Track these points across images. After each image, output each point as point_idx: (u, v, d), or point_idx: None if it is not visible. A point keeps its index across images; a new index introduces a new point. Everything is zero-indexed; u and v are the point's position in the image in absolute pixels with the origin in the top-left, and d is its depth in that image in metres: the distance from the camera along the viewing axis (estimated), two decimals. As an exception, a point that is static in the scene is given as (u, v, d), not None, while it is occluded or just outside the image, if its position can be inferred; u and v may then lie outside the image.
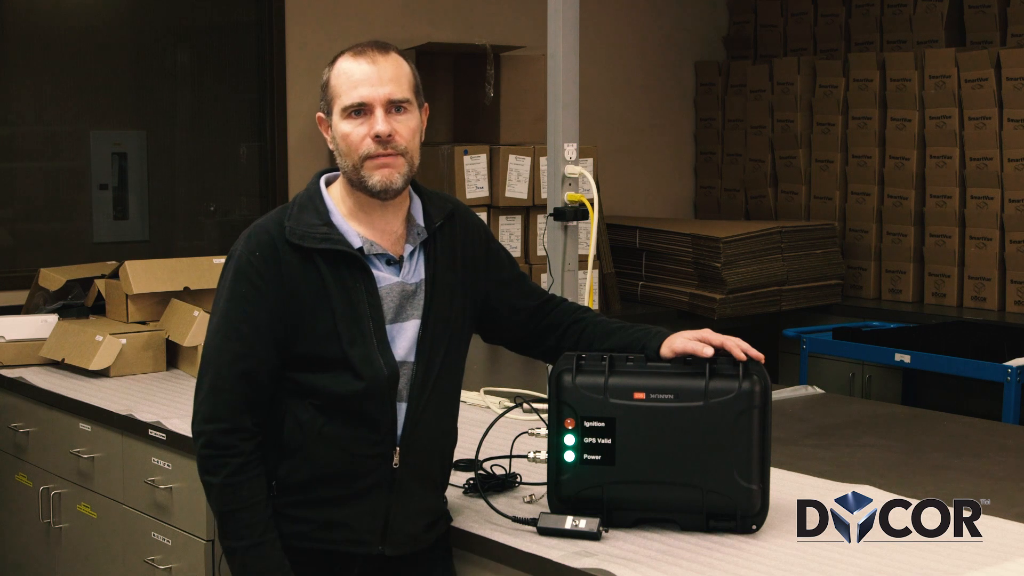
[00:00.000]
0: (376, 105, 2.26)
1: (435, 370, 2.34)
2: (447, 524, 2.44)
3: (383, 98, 2.26)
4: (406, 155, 2.29)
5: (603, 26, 6.35)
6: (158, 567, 3.31)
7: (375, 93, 2.26)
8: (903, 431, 3.35)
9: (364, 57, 2.29)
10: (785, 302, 5.86)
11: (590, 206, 3.25)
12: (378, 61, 2.28)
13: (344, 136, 2.28)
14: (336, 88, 2.29)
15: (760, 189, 6.62)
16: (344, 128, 2.28)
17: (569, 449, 2.34)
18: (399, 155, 2.28)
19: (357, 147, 2.27)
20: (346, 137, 2.28)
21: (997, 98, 5.63)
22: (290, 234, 2.28)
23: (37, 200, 5.20)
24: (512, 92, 5.32)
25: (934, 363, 4.91)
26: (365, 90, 2.26)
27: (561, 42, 3.30)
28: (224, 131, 5.56)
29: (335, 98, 2.29)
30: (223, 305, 2.28)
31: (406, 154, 2.29)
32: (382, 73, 2.27)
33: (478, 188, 5.09)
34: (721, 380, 2.30)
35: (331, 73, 2.32)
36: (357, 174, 2.28)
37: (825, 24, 6.53)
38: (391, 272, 2.33)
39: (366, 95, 2.26)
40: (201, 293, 4.06)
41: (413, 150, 2.31)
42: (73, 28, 5.18)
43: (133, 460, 3.42)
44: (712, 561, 2.20)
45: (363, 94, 2.26)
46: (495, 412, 3.19)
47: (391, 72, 2.28)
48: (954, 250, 5.81)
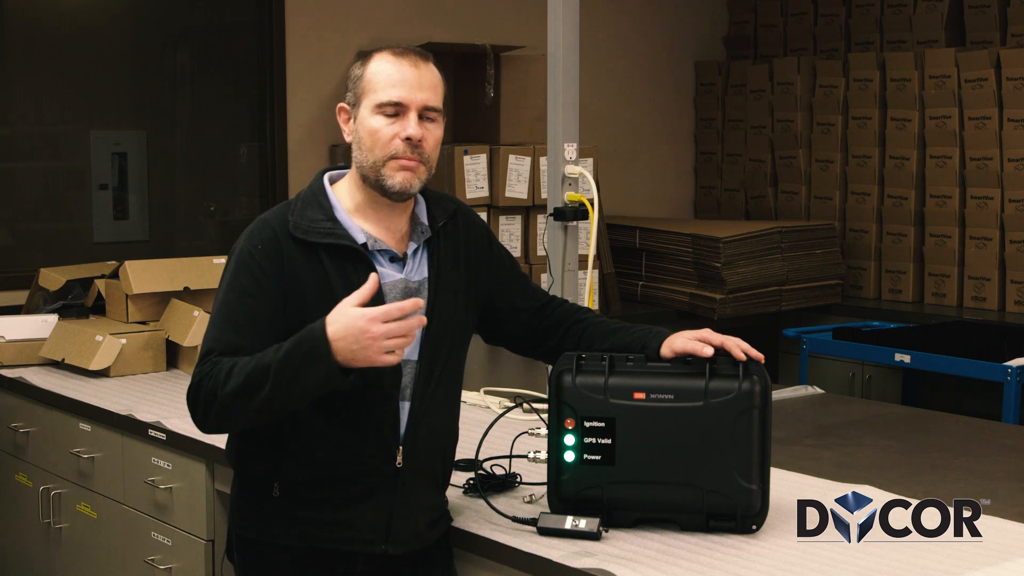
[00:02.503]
0: (412, 108, 2.27)
1: (438, 369, 2.34)
2: (448, 523, 2.44)
3: (420, 103, 2.27)
4: (427, 164, 2.31)
5: (603, 26, 6.34)
6: (158, 567, 3.31)
7: (414, 96, 2.27)
8: (903, 431, 3.35)
9: (406, 59, 2.29)
10: (785, 302, 5.86)
11: (590, 206, 3.26)
12: (420, 66, 2.29)
13: (373, 131, 2.28)
14: (372, 83, 2.29)
15: (760, 189, 6.62)
16: (374, 123, 2.28)
17: (569, 449, 2.34)
18: (422, 163, 2.29)
19: (385, 144, 2.27)
20: (375, 132, 2.28)
21: (997, 98, 5.63)
22: (294, 228, 2.28)
23: (37, 200, 5.19)
24: (512, 92, 5.32)
25: (934, 363, 4.91)
26: (404, 91, 2.27)
27: (561, 42, 3.31)
28: (224, 131, 5.56)
29: (369, 92, 2.29)
30: (223, 296, 2.28)
31: (427, 163, 2.31)
32: (423, 79, 2.28)
33: (478, 188, 5.09)
34: (721, 380, 2.30)
35: (367, 67, 2.31)
36: (376, 171, 2.28)
37: (825, 24, 6.53)
38: (394, 269, 2.33)
39: (405, 96, 2.27)
40: (201, 293, 4.06)
41: (433, 161, 2.33)
42: (73, 28, 5.18)
43: (133, 460, 3.42)
44: (712, 561, 2.20)
45: (402, 94, 2.27)
46: (495, 412, 3.19)
47: (430, 80, 2.30)
48: (954, 250, 5.81)
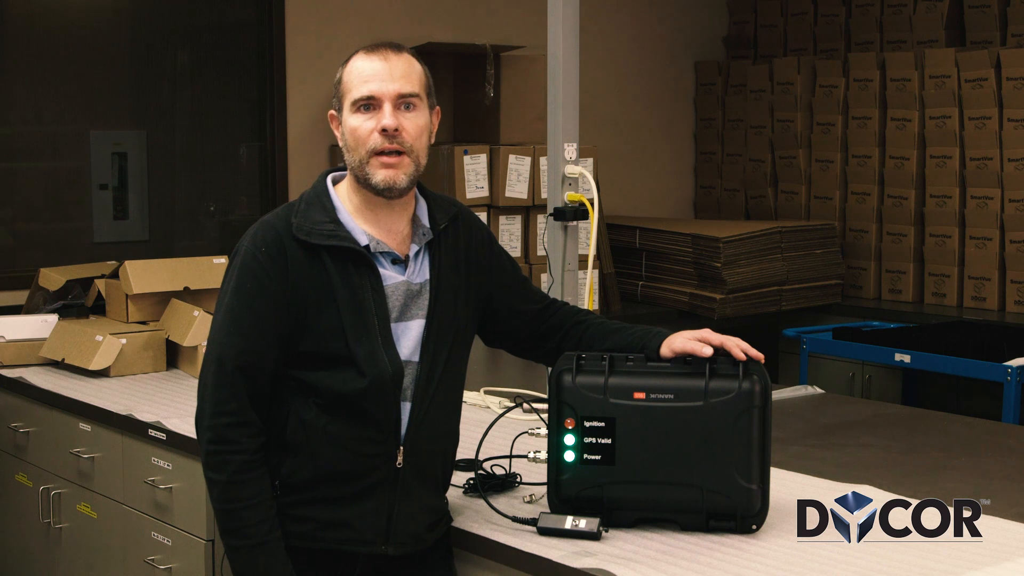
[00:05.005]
0: (385, 100, 2.27)
1: (439, 370, 2.34)
2: (448, 524, 2.44)
3: (392, 93, 2.27)
4: (411, 154, 2.29)
5: (603, 26, 6.35)
6: (158, 567, 3.31)
7: (384, 88, 2.27)
8: (903, 431, 3.35)
9: (376, 54, 2.30)
10: (785, 302, 5.86)
11: (590, 206, 3.25)
12: (390, 58, 2.29)
13: (352, 130, 2.29)
14: (347, 83, 2.30)
15: (760, 189, 6.62)
16: (352, 122, 2.29)
17: (569, 449, 2.34)
18: (404, 154, 2.28)
19: (364, 141, 2.28)
20: (354, 131, 2.28)
21: (997, 98, 5.63)
22: (297, 230, 2.28)
23: (37, 200, 5.20)
24: (512, 92, 5.32)
25: (934, 363, 4.91)
26: (375, 85, 2.27)
27: (561, 42, 3.30)
28: (224, 131, 5.56)
29: (346, 93, 2.30)
30: (228, 300, 2.28)
31: (411, 152, 2.29)
32: (393, 70, 2.28)
33: (478, 188, 5.09)
34: (721, 380, 2.30)
35: (344, 70, 2.33)
36: (363, 170, 2.29)
37: (825, 24, 6.53)
38: (396, 271, 2.33)
39: (375, 89, 2.27)
40: (201, 293, 4.06)
41: (420, 149, 2.31)
42: (73, 28, 5.18)
43: (133, 460, 3.42)
44: (712, 561, 2.20)
45: (372, 88, 2.27)
46: (495, 412, 3.19)
47: (402, 69, 2.29)
48: (954, 250, 5.81)
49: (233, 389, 2.23)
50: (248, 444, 2.24)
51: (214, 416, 2.24)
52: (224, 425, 2.24)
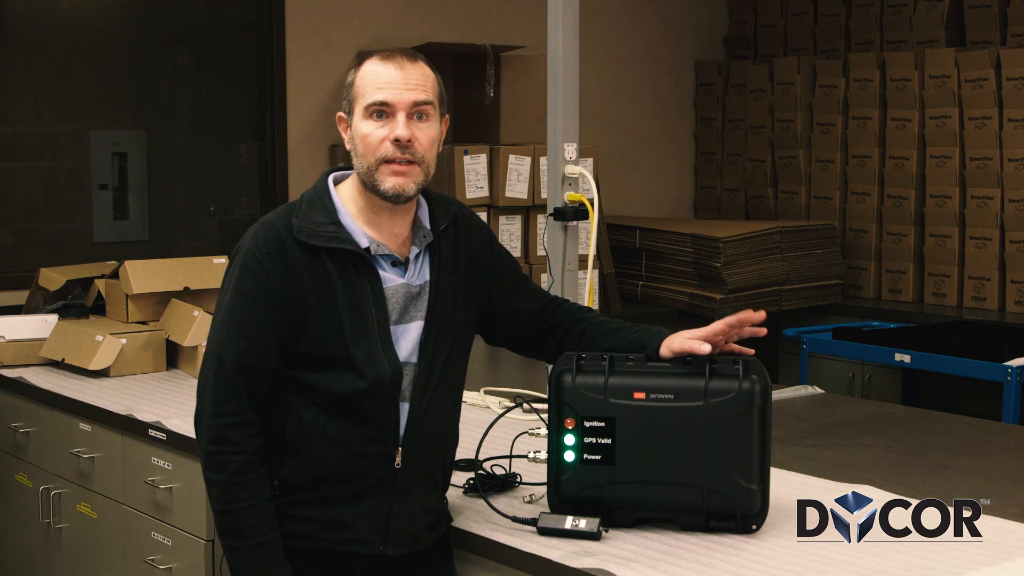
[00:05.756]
0: (399, 109, 2.26)
1: (437, 372, 2.34)
2: (448, 524, 2.44)
3: (407, 102, 2.26)
4: (422, 164, 2.29)
5: (603, 26, 6.34)
6: (158, 567, 3.31)
7: (399, 97, 2.26)
8: (903, 431, 3.35)
9: (392, 61, 2.28)
10: (785, 302, 5.86)
11: (590, 206, 3.25)
12: (406, 67, 2.28)
13: (363, 136, 2.28)
14: (360, 88, 2.29)
15: (760, 189, 6.62)
16: (364, 128, 2.28)
17: (569, 449, 2.34)
18: (415, 163, 2.28)
19: (375, 148, 2.27)
20: (365, 138, 2.27)
21: (997, 98, 5.63)
22: (297, 231, 2.28)
23: (37, 200, 5.20)
24: (512, 92, 5.32)
25: (934, 363, 4.91)
26: (390, 92, 2.26)
27: (561, 42, 3.30)
28: (224, 131, 5.56)
29: (358, 97, 2.29)
30: (228, 301, 2.28)
31: (422, 163, 2.29)
32: (408, 78, 2.27)
33: (478, 188, 5.09)
34: (721, 380, 2.30)
35: (357, 74, 2.31)
36: (371, 176, 2.28)
37: (825, 24, 6.53)
38: (396, 273, 2.33)
39: (390, 97, 2.26)
40: (201, 293, 4.06)
41: (430, 160, 2.31)
42: (73, 28, 5.18)
43: (133, 460, 3.42)
44: (712, 561, 2.20)
45: (388, 95, 2.26)
46: (495, 412, 3.19)
47: (417, 78, 2.28)
48: (954, 250, 5.81)
49: (233, 389, 2.23)
50: (247, 445, 2.24)
51: (214, 416, 2.24)
52: (224, 425, 2.24)
